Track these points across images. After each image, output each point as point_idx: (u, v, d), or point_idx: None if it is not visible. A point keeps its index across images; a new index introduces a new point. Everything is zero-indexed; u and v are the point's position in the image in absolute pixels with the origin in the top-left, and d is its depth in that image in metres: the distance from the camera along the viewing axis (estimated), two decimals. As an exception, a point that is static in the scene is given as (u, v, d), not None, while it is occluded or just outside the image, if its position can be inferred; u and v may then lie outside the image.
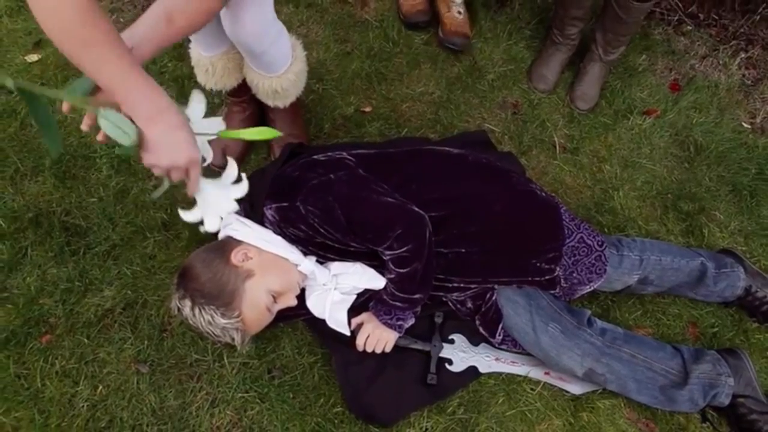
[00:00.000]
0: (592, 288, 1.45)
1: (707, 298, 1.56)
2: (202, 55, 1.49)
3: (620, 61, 2.00)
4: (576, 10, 1.82)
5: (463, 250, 1.37)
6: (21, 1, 1.94)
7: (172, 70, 1.81)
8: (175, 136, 1.02)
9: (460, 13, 1.99)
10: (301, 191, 1.26)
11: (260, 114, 1.69)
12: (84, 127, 1.05)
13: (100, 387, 1.33)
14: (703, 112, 1.94)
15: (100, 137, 1.03)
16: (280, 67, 1.47)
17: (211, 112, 1.59)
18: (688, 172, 1.81)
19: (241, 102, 1.65)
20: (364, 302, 1.42)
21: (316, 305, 1.39)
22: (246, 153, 1.70)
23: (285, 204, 1.26)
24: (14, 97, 1.68)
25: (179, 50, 1.84)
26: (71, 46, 0.91)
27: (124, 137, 0.96)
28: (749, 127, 1.94)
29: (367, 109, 1.85)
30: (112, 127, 0.96)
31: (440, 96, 1.90)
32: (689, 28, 2.16)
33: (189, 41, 1.51)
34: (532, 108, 1.91)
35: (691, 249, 1.57)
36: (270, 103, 1.56)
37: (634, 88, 1.97)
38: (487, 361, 1.46)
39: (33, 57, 1.81)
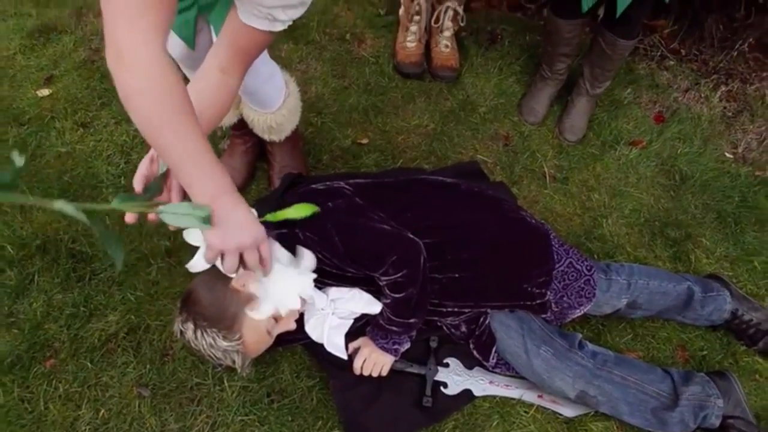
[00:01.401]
0: (583, 312, 1.49)
1: (696, 321, 1.60)
2: None
3: (606, 94, 2.09)
4: (564, 47, 1.91)
5: (457, 276, 1.41)
6: (34, 40, 2.05)
7: (177, 105, 1.88)
8: (237, 215, 0.99)
9: (447, 46, 2.09)
10: (300, 220, 1.32)
11: (261, 145, 1.76)
12: (129, 220, 1.02)
13: (102, 411, 1.36)
14: (687, 142, 2.01)
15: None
16: (274, 104, 1.55)
17: (213, 145, 1.66)
18: (674, 200, 1.88)
19: (243, 135, 1.73)
20: (361, 327, 1.46)
21: (314, 329, 1.42)
22: (247, 183, 1.76)
23: (284, 231, 1.31)
24: (25, 129, 1.75)
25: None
26: (151, 130, 0.88)
27: (196, 221, 0.91)
28: (732, 156, 2.01)
29: (364, 141, 1.92)
30: (178, 217, 0.91)
31: (434, 128, 1.98)
32: (672, 63, 2.26)
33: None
34: (523, 140, 1.98)
35: (678, 274, 1.62)
36: (266, 137, 1.63)
37: (621, 120, 2.05)
38: (482, 384, 1.49)
39: (44, 92, 1.89)
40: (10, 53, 2.01)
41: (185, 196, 1.03)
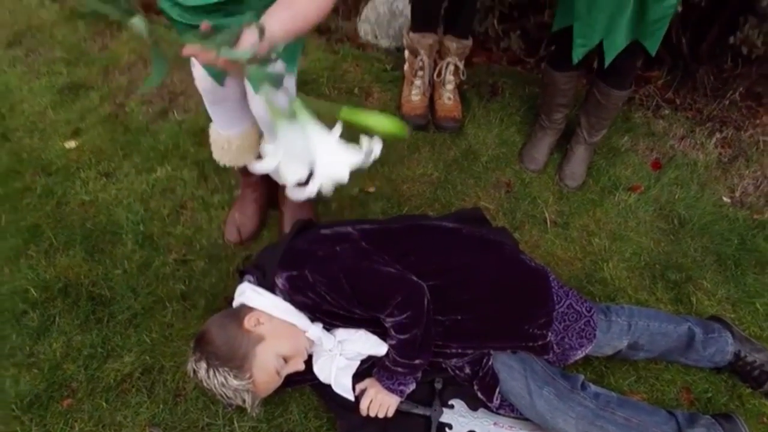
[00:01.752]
0: (584, 353, 1.52)
1: (698, 363, 1.62)
2: (220, 133, 1.64)
3: (604, 142, 2.17)
4: (561, 98, 2.01)
5: (459, 317, 1.46)
6: (64, 96, 2.21)
7: (193, 154, 2.00)
8: None
9: (450, 99, 2.20)
10: (309, 261, 1.39)
11: (270, 195, 1.85)
12: (186, 52, 0.97)
13: (115, 450, 1.40)
14: (684, 187, 2.07)
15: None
16: None
17: (228, 193, 1.75)
18: (674, 243, 1.92)
19: (254, 183, 1.80)
20: (367, 369, 1.50)
21: (322, 370, 1.47)
22: (259, 230, 1.84)
23: (294, 273, 1.38)
24: (52, 178, 1.87)
25: (199, 136, 2.05)
26: None
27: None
28: (729, 201, 2.06)
29: (371, 190, 2.00)
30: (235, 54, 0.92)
31: (438, 177, 2.06)
32: (667, 112, 2.35)
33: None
34: (524, 186, 2.05)
35: (679, 315, 1.65)
36: (281, 180, 1.69)
37: (619, 166, 2.13)
38: (486, 425, 1.50)
39: (71, 143, 2.03)
40: (42, 108, 2.16)
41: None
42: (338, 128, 0.90)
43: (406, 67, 2.28)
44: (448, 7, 2.11)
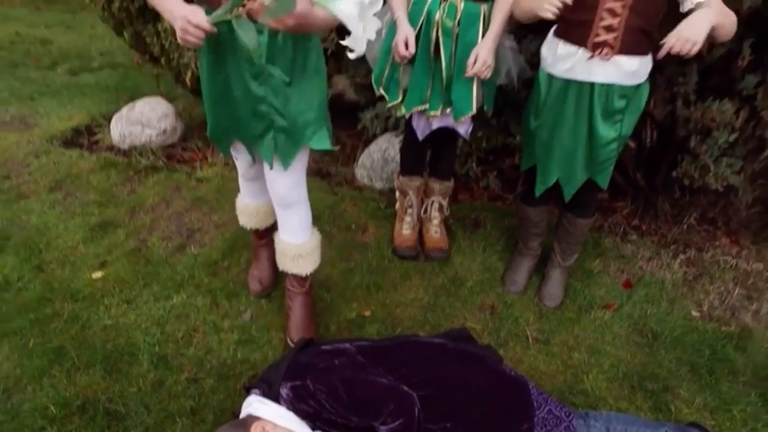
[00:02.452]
0: (568, 458, 1.60)
1: (679, 467, 1.68)
2: (249, 203, 2.10)
3: (579, 265, 2.39)
4: (534, 228, 2.27)
5: (449, 425, 1.57)
6: (95, 233, 2.47)
7: (207, 284, 2.22)
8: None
9: (437, 232, 2.46)
10: (311, 372, 1.54)
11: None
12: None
13: None
14: (655, 304, 2.25)
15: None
16: (302, 236, 1.94)
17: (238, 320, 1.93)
18: (649, 355, 2.06)
19: (266, 242, 2.18)
20: (363, 479, 1.58)
21: (320, 476, 1.55)
22: (274, 284, 2.19)
23: (298, 383, 1.52)
24: (78, 305, 2.07)
25: (213, 267, 2.28)
26: None
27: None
28: (698, 314, 2.23)
29: (367, 314, 2.16)
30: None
31: (428, 301, 2.22)
32: (634, 237, 2.61)
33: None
34: (507, 308, 2.22)
35: (658, 422, 1.74)
36: (291, 270, 1.96)
37: (593, 287, 2.32)
38: None
39: (98, 274, 2.23)
40: (74, 243, 2.40)
41: None
42: None
43: (397, 205, 2.56)
44: (431, 153, 2.45)
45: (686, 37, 1.57)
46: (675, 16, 1.95)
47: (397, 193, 2.54)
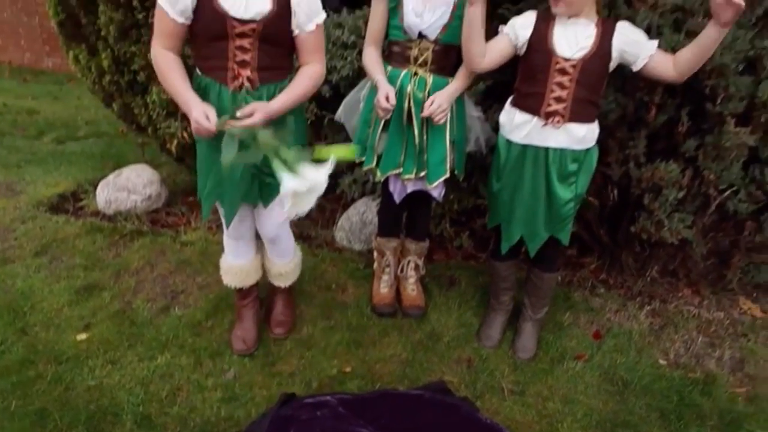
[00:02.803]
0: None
1: None
2: (233, 263, 2.22)
3: (550, 318, 2.49)
4: (504, 282, 2.38)
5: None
6: (80, 296, 2.52)
7: (191, 343, 2.26)
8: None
9: (413, 290, 2.56)
10: (293, 424, 1.60)
11: (261, 310, 2.37)
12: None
13: None
14: (623, 353, 2.35)
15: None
16: (287, 257, 2.28)
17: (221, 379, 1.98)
18: (620, 403, 2.13)
19: (250, 301, 2.31)
20: None
21: None
22: (258, 341, 2.28)
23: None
24: (62, 367, 2.09)
25: (197, 328, 2.34)
26: (161, 75, 1.79)
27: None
28: (665, 362, 2.33)
29: (348, 370, 2.21)
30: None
31: (407, 357, 2.28)
32: (602, 290, 2.74)
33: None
34: (483, 361, 2.29)
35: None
36: (276, 282, 2.32)
37: (564, 339, 2.42)
38: None
39: (82, 336, 2.27)
40: (59, 306, 2.44)
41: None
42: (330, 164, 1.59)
43: (375, 265, 2.65)
44: (407, 216, 2.58)
45: None
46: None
47: (375, 254, 2.65)
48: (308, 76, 1.88)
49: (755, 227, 2.35)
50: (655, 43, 1.87)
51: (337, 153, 1.61)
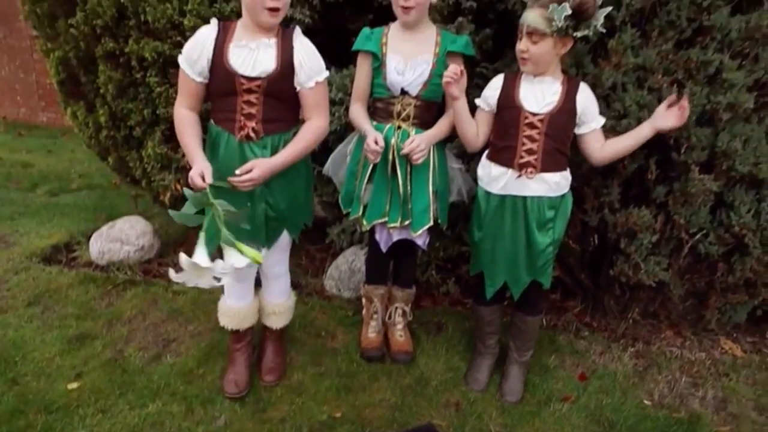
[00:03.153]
0: None
1: None
2: (231, 305, 2.29)
3: (536, 361, 2.54)
4: (489, 326, 2.44)
5: None
6: (71, 345, 2.53)
7: (182, 391, 2.28)
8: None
9: (401, 336, 2.61)
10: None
11: (253, 354, 2.42)
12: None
13: None
14: (609, 394, 2.39)
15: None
16: (284, 296, 2.39)
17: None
18: (607, 443, 2.17)
19: (243, 345, 2.36)
20: None
21: None
22: (251, 383, 2.33)
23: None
24: (53, 416, 2.10)
25: (188, 376, 2.36)
26: (178, 132, 1.99)
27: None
28: (650, 403, 2.37)
29: (338, 415, 2.22)
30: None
31: (396, 401, 2.31)
32: (586, 333, 2.80)
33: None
34: (470, 404, 2.32)
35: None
36: (269, 323, 2.41)
37: (550, 381, 2.46)
38: None
39: (73, 385, 2.28)
40: (51, 356, 2.45)
41: None
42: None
43: (363, 311, 2.71)
44: (394, 264, 2.66)
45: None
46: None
47: (364, 300, 2.71)
48: (311, 130, 2.03)
49: (727, 269, 2.45)
50: (602, 120, 2.05)
51: (247, 252, 1.80)
